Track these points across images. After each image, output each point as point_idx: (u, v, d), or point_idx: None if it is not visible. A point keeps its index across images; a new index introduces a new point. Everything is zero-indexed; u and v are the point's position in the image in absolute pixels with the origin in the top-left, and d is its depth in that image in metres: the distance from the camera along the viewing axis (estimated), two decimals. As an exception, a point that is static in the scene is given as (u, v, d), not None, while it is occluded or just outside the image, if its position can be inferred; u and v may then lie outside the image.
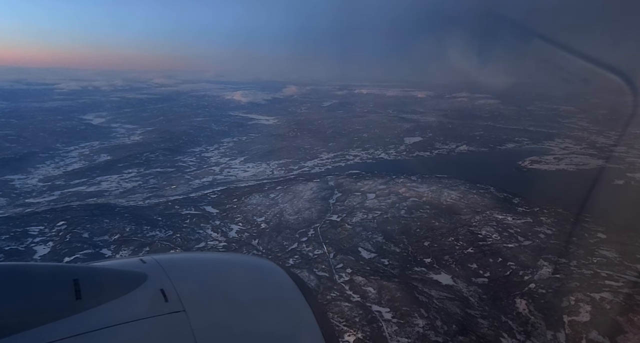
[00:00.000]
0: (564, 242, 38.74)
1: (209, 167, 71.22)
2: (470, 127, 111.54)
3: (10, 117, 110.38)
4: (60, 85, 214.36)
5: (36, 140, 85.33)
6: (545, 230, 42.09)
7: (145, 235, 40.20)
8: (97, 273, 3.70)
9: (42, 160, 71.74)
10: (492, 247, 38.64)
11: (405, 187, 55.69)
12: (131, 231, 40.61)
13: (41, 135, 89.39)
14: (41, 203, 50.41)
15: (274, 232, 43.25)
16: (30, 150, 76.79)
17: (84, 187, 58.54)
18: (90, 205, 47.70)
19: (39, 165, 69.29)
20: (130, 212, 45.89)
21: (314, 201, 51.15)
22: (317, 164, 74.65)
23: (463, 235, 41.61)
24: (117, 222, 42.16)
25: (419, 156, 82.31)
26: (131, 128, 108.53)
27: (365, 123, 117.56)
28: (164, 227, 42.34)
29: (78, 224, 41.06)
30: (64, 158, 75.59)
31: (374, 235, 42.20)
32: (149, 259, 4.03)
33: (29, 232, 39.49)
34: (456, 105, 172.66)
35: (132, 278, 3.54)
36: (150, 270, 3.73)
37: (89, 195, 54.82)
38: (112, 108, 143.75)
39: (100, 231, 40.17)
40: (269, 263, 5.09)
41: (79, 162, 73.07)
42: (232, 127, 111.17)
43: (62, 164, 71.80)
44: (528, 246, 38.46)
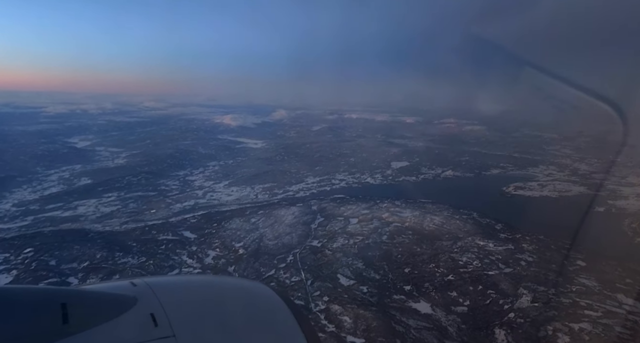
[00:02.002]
0: (544, 270, 38.27)
1: (192, 191, 70.27)
2: (456, 152, 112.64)
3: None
4: (47, 109, 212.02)
5: (15, 163, 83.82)
6: (526, 257, 41.72)
7: (117, 262, 38.95)
8: (86, 296, 3.60)
9: (19, 185, 70.20)
10: (472, 275, 38.04)
11: (389, 212, 55.30)
12: (102, 258, 39.33)
13: (21, 159, 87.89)
14: (12, 229, 48.90)
15: (252, 258, 42.25)
16: (7, 174, 75.21)
17: (59, 212, 57.10)
18: (62, 231, 46.32)
19: (15, 189, 67.73)
20: (104, 237, 44.62)
21: (296, 226, 50.40)
22: (302, 188, 74.17)
23: (444, 261, 41.00)
24: (88, 248, 40.87)
25: (405, 181, 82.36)
26: (116, 151, 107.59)
27: (353, 147, 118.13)
28: (137, 253, 41.14)
29: (46, 251, 39.67)
30: (42, 182, 74.11)
31: (354, 262, 41.39)
32: (140, 282, 3.98)
33: (-7, 259, 38.02)
34: (444, 131, 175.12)
35: (122, 302, 3.48)
36: (141, 294, 3.67)
37: (63, 220, 53.40)
38: (98, 131, 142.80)
39: (69, 258, 38.80)
40: (262, 286, 5.00)
41: (57, 186, 71.60)
42: (219, 151, 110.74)
43: (40, 188, 70.29)
44: (509, 274, 37.95)
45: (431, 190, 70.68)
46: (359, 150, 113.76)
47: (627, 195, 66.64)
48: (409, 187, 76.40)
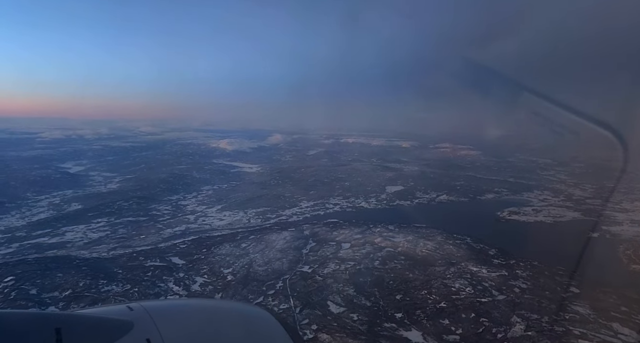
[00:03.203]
0: (538, 297, 37.47)
1: (184, 216, 69.54)
2: (451, 177, 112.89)
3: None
4: (43, 134, 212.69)
5: (6, 189, 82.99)
6: (520, 283, 40.97)
7: (100, 290, 37.90)
8: (81, 321, 3.51)
9: (7, 211, 69.23)
10: (465, 302, 37.19)
11: (382, 236, 54.68)
12: (85, 286, 38.29)
13: (12, 185, 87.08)
14: (-5, 257, 47.75)
15: (240, 284, 41.31)
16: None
17: (46, 238, 56.07)
18: (47, 258, 45.31)
19: (3, 215, 66.75)
20: (89, 264, 43.65)
21: (287, 251, 49.64)
22: (296, 212, 73.61)
23: (436, 288, 40.18)
24: (71, 276, 39.83)
25: (399, 205, 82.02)
26: (109, 176, 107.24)
27: (348, 171, 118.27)
28: (122, 281, 40.14)
29: (28, 279, 38.62)
30: (32, 208, 73.17)
31: (345, 288, 40.51)
32: (137, 306, 3.91)
33: (-28, 289, 36.93)
34: (439, 155, 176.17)
35: (118, 327, 3.40)
36: (137, 318, 3.59)
37: (49, 247, 52.40)
38: (93, 156, 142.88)
39: (51, 286, 37.75)
40: (261, 311, 4.91)
41: (46, 212, 70.70)
42: (214, 175, 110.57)
43: (29, 214, 69.31)
44: (502, 301, 37.15)
45: (425, 215, 70.22)
46: (354, 174, 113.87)
47: (622, 221, 66.38)
48: (403, 211, 76.02)
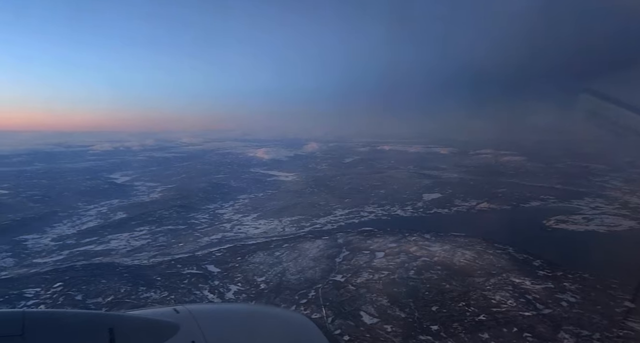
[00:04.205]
0: (588, 312, 34.72)
1: (221, 224, 71.04)
2: (492, 184, 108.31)
3: (42, 178, 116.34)
4: (95, 147, 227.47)
5: (59, 199, 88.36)
6: (568, 297, 38.23)
7: (139, 297, 39.21)
8: (131, 322, 3.71)
9: (60, 220, 73.43)
10: (506, 315, 35.14)
11: (417, 245, 53.16)
12: (126, 292, 39.79)
13: (65, 195, 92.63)
14: (47, 264, 50.67)
15: (273, 293, 41.39)
16: (51, 209, 79.28)
17: (93, 246, 58.84)
18: (92, 265, 47.57)
19: (56, 224, 70.76)
20: (131, 271, 45.44)
21: (320, 260, 49.33)
22: (330, 220, 73.25)
23: (475, 299, 38.31)
24: (114, 282, 41.58)
25: (436, 213, 79.57)
26: (152, 186, 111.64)
27: (384, 179, 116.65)
28: (160, 288, 41.38)
29: (74, 285, 40.71)
30: (82, 217, 77.21)
31: (378, 298, 39.52)
32: (182, 309, 4.09)
33: (25, 295, 39.22)
34: (480, 161, 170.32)
35: (165, 329, 3.57)
36: (183, 321, 3.76)
37: (96, 254, 54.96)
38: (138, 167, 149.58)
39: (95, 292, 39.53)
40: (302, 317, 5.02)
41: (94, 221, 74.33)
42: (251, 184, 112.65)
43: (79, 222, 73.15)
44: (547, 315, 34.76)
45: (464, 224, 67.55)
46: (390, 182, 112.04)
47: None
48: (440, 219, 73.61)
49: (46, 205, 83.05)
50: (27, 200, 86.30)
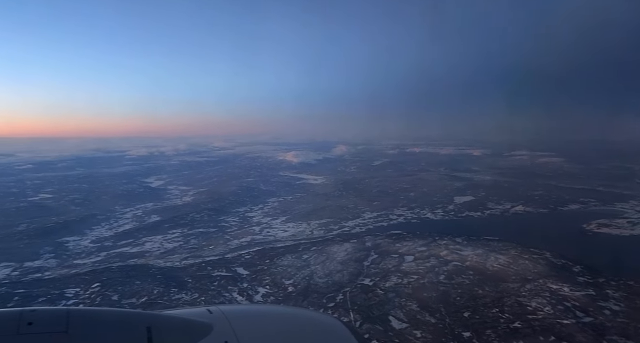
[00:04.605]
0: (634, 321, 32.57)
1: (250, 227, 71.96)
2: (528, 186, 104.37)
3: (83, 183, 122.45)
4: (131, 152, 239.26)
5: (98, 203, 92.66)
6: (611, 305, 36.06)
7: (171, 298, 40.24)
8: (168, 321, 3.78)
9: (98, 222, 76.63)
10: (543, 323, 33.50)
11: (448, 249, 51.81)
12: (158, 293, 40.94)
13: (103, 198, 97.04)
14: (86, 265, 52.93)
15: (301, 296, 41.39)
16: (91, 212, 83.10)
17: (128, 248, 60.99)
18: (128, 266, 49.44)
19: (95, 226, 73.89)
20: (163, 273, 46.79)
21: (347, 263, 48.98)
22: (359, 223, 72.69)
23: (509, 306, 36.82)
24: (148, 283, 42.94)
25: (468, 216, 77.29)
26: (185, 189, 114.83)
27: (413, 182, 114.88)
28: (191, 289, 42.33)
29: (111, 286, 42.37)
30: (119, 219, 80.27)
31: (407, 303, 38.73)
32: (215, 310, 4.21)
33: (65, 294, 41.13)
34: (515, 163, 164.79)
35: (199, 329, 3.70)
36: (216, 321, 3.87)
37: (131, 255, 56.89)
38: (172, 171, 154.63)
39: (130, 293, 40.93)
40: (335, 320, 4.96)
41: (130, 223, 77.11)
42: (280, 187, 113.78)
43: (116, 225, 76.06)
44: (588, 324, 32.87)
45: (497, 227, 65.44)
46: (420, 184, 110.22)
47: None
48: (473, 223, 71.47)
49: (86, 208, 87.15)
50: (69, 204, 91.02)
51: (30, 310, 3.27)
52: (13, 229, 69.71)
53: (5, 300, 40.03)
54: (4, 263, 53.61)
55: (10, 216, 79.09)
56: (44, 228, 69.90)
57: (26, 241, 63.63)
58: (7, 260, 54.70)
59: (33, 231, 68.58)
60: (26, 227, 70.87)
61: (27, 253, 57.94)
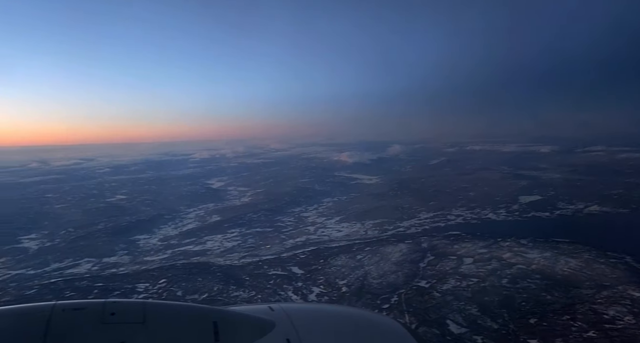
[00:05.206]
0: None
1: (305, 227, 72.89)
2: (605, 184, 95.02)
3: (152, 185, 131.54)
4: (195, 155, 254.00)
5: (165, 203, 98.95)
6: None
7: (230, 295, 41.82)
8: (233, 317, 3.95)
9: (165, 222, 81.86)
10: (623, 333, 30.35)
11: (512, 252, 48.78)
12: (218, 290, 42.75)
13: (170, 199, 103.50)
14: (154, 261, 56.60)
15: (354, 296, 41.07)
16: (159, 212, 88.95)
17: (191, 246, 64.32)
18: (191, 264, 52.18)
19: (163, 226, 78.99)
20: (223, 271, 48.81)
21: (403, 264, 47.87)
22: (414, 224, 70.76)
23: (583, 313, 33.78)
24: (208, 281, 45.05)
25: (535, 217, 72.03)
26: (243, 190, 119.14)
27: (473, 181, 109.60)
28: (248, 287, 43.71)
29: (176, 282, 44.99)
30: (183, 219, 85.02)
31: (466, 306, 37.00)
32: (277, 307, 4.36)
33: (137, 289, 44.30)
34: (589, 160, 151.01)
35: (262, 326, 3.80)
36: (278, 319, 3.98)
37: (194, 254, 60.00)
38: (231, 173, 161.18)
39: (193, 289, 43.14)
40: (394, 322, 5.02)
41: (193, 223, 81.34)
42: (334, 187, 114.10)
43: (181, 224, 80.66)
44: (679, 337, 29.19)
45: (568, 228, 60.23)
46: (480, 183, 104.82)
47: None
48: (540, 224, 66.46)
49: (155, 208, 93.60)
50: (140, 204, 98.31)
51: (112, 302, 3.52)
52: (94, 228, 76.65)
53: (87, 293, 43.96)
54: (86, 259, 59.09)
55: (92, 215, 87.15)
56: (119, 227, 76.16)
57: (104, 239, 69.61)
58: (89, 256, 60.23)
59: (110, 229, 74.95)
60: (104, 226, 77.63)
61: (105, 250, 63.32)
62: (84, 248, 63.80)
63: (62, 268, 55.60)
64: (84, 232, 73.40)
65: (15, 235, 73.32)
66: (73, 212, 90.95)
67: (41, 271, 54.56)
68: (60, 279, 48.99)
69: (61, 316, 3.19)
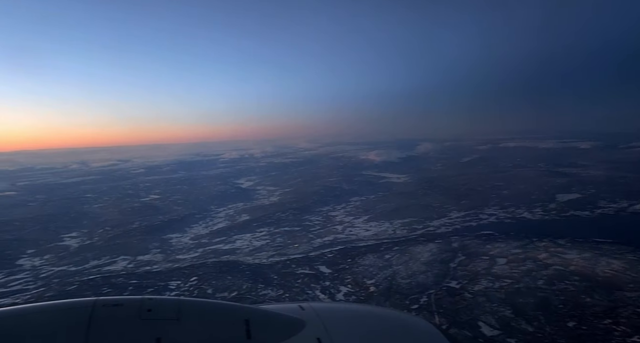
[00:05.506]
0: None
1: (333, 226, 72.71)
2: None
3: (184, 185, 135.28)
4: (224, 155, 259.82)
5: (197, 203, 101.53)
6: None
7: (258, 294, 42.19)
8: (264, 315, 3.99)
9: (196, 221, 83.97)
10: (672, 340, 28.34)
11: (548, 252, 46.71)
12: (247, 289, 43.26)
13: (201, 199, 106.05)
14: (186, 260, 58.06)
15: (382, 296, 40.52)
16: (190, 212, 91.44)
17: (221, 245, 65.57)
18: (221, 262, 53.17)
19: (194, 225, 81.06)
20: (252, 269, 49.43)
21: (432, 264, 46.81)
22: (445, 223, 69.15)
23: (626, 317, 31.89)
24: (238, 279, 45.67)
25: (574, 216, 68.69)
26: (272, 190, 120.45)
27: (507, 179, 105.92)
28: (276, 286, 43.99)
29: (206, 280, 45.92)
30: (214, 218, 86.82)
31: (499, 308, 35.72)
32: (307, 306, 4.36)
33: (169, 286, 45.55)
34: (635, 156, 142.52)
35: (293, 324, 3.82)
36: (308, 318, 3.99)
37: (224, 252, 61.11)
38: (260, 172, 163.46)
39: (222, 287, 43.85)
40: (426, 323, 4.96)
41: (223, 222, 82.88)
42: (362, 186, 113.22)
43: (211, 223, 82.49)
44: None
45: (610, 228, 57.13)
46: (515, 181, 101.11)
47: None
48: (579, 223, 63.38)
49: (186, 208, 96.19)
50: (173, 204, 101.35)
51: (148, 299, 3.63)
52: (129, 226, 79.67)
53: (123, 289, 45.59)
54: (122, 257, 61.49)
55: (127, 215, 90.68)
56: (152, 226, 78.74)
57: (139, 237, 72.14)
58: (124, 254, 62.64)
59: (144, 228, 77.63)
60: (139, 225, 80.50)
61: (140, 248, 65.63)
62: (120, 247, 66.38)
63: (100, 265, 58.07)
64: (120, 231, 76.40)
65: (58, 233, 77.37)
66: (110, 211, 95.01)
67: (81, 268, 57.25)
68: (99, 276, 51.14)
69: (102, 311, 3.31)
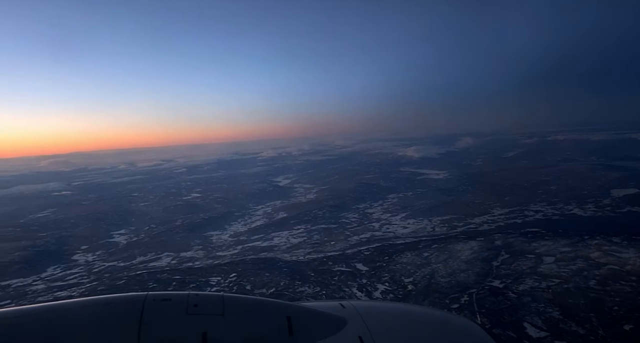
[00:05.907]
0: None
1: (370, 224, 71.98)
2: None
3: (224, 183, 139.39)
4: (262, 154, 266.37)
5: (236, 201, 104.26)
6: None
7: (296, 290, 42.43)
8: (305, 313, 4.03)
9: (235, 218, 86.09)
10: None
11: (601, 250, 43.71)
12: (285, 285, 43.60)
13: (240, 197, 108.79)
14: (226, 256, 59.57)
15: (421, 295, 39.54)
16: (229, 209, 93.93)
17: (259, 242, 66.69)
18: (259, 259, 54.12)
19: (233, 222, 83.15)
20: (289, 266, 49.89)
21: (473, 262, 45.14)
22: (487, 220, 66.52)
23: (692, 323, 29.17)
24: (275, 276, 46.15)
25: (631, 213, 63.79)
26: (309, 187, 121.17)
27: (555, 173, 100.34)
28: (313, 283, 44.06)
29: (245, 277, 46.74)
30: (252, 216, 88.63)
31: (547, 309, 33.84)
32: (348, 304, 4.40)
33: (210, 282, 46.81)
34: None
35: (334, 322, 3.87)
36: (349, 316, 4.03)
37: (262, 249, 62.10)
38: (297, 170, 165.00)
39: (261, 284, 44.48)
40: (470, 322, 4.95)
41: (261, 220, 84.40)
42: (400, 183, 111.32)
43: (249, 221, 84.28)
44: None
45: (673, 225, 52.69)
46: (564, 176, 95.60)
47: None
48: (637, 220, 58.85)
49: (226, 206, 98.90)
50: (213, 202, 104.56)
51: (194, 294, 3.76)
52: (172, 224, 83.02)
53: (167, 285, 47.37)
54: (166, 253, 64.10)
55: (171, 213, 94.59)
56: (194, 224, 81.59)
57: (182, 234, 74.99)
58: (168, 250, 65.28)
59: (187, 226, 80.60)
60: (181, 222, 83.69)
61: (182, 245, 68.16)
62: (164, 243, 69.27)
63: (146, 261, 60.83)
64: (164, 228, 79.77)
65: (108, 230, 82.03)
66: (155, 209, 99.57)
67: (129, 263, 60.25)
68: (145, 271, 53.51)
69: (152, 305, 3.44)
